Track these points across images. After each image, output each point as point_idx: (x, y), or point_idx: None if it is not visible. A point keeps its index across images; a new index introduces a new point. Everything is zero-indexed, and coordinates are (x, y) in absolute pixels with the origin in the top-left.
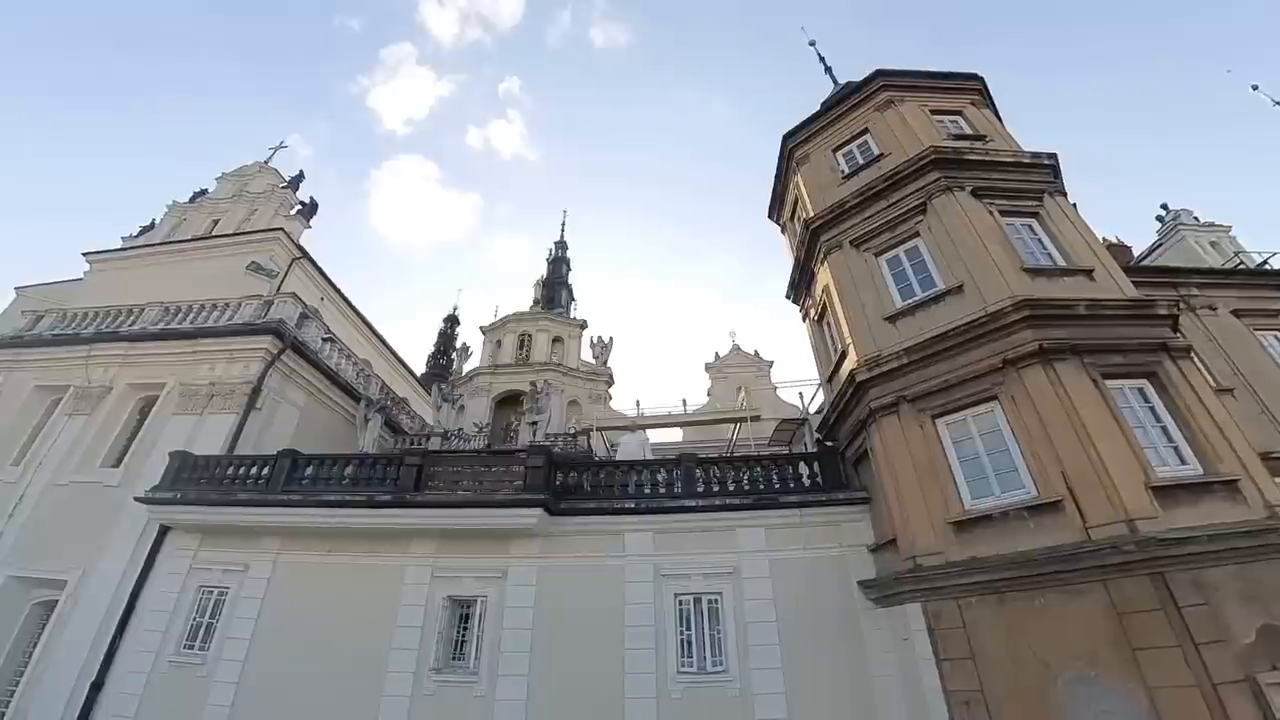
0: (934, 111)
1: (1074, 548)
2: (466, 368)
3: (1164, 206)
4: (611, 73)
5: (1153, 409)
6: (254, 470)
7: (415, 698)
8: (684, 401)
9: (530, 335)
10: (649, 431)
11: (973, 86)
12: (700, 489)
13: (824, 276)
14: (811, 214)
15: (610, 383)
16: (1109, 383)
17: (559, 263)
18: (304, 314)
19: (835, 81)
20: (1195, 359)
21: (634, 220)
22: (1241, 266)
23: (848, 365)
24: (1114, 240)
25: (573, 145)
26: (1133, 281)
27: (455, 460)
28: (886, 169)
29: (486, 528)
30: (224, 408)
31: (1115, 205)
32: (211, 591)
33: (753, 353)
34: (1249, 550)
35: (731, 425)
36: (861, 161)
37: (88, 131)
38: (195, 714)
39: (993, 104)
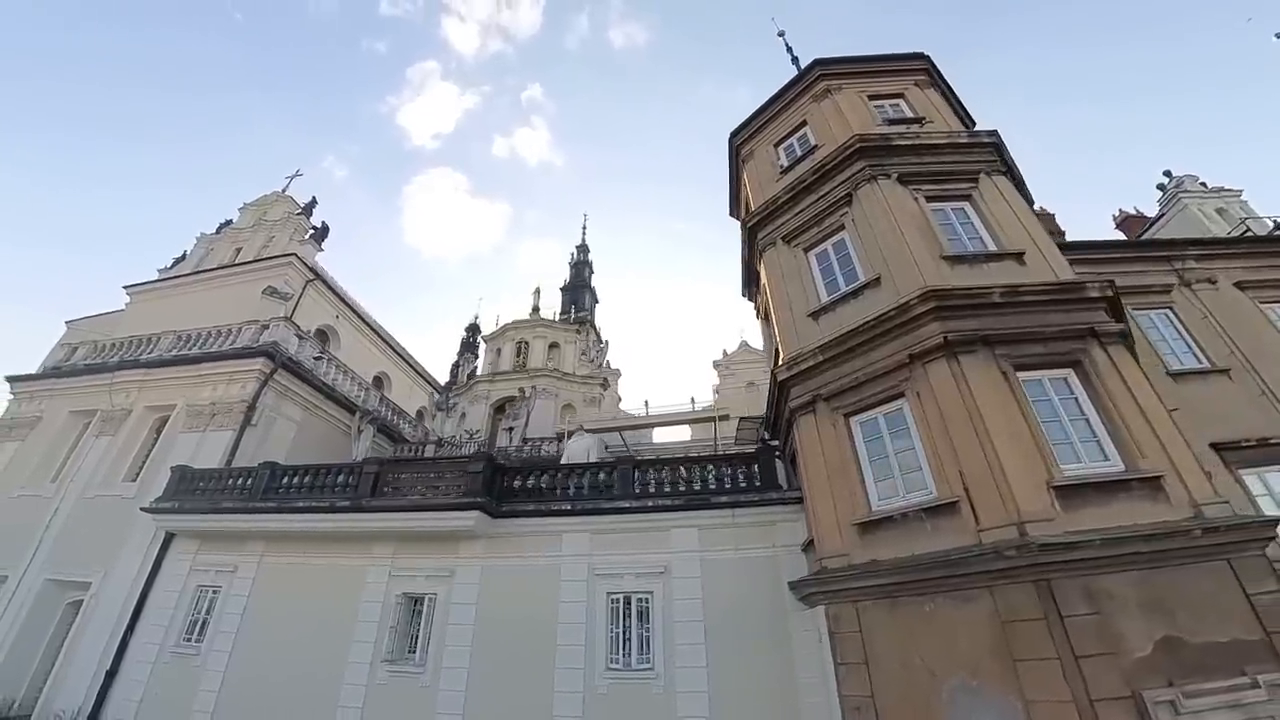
0: (873, 97)
1: (960, 552)
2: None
3: (1167, 174)
4: (632, 72)
5: (1076, 401)
6: (239, 481)
7: (370, 686)
8: (692, 400)
9: (527, 342)
10: (655, 431)
11: (918, 67)
12: (637, 490)
13: (763, 274)
14: (750, 211)
15: (605, 386)
16: (1026, 374)
17: (581, 266)
18: (299, 335)
19: None
20: (1182, 331)
21: (657, 220)
22: (1248, 234)
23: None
24: (1133, 212)
25: (596, 148)
26: (1124, 257)
27: (410, 467)
28: (817, 161)
29: (430, 530)
30: (223, 425)
31: (1145, 175)
32: (207, 590)
33: (761, 349)
34: (1154, 555)
35: (731, 423)
36: (799, 154)
37: (137, 168)
38: (189, 698)
39: (941, 82)
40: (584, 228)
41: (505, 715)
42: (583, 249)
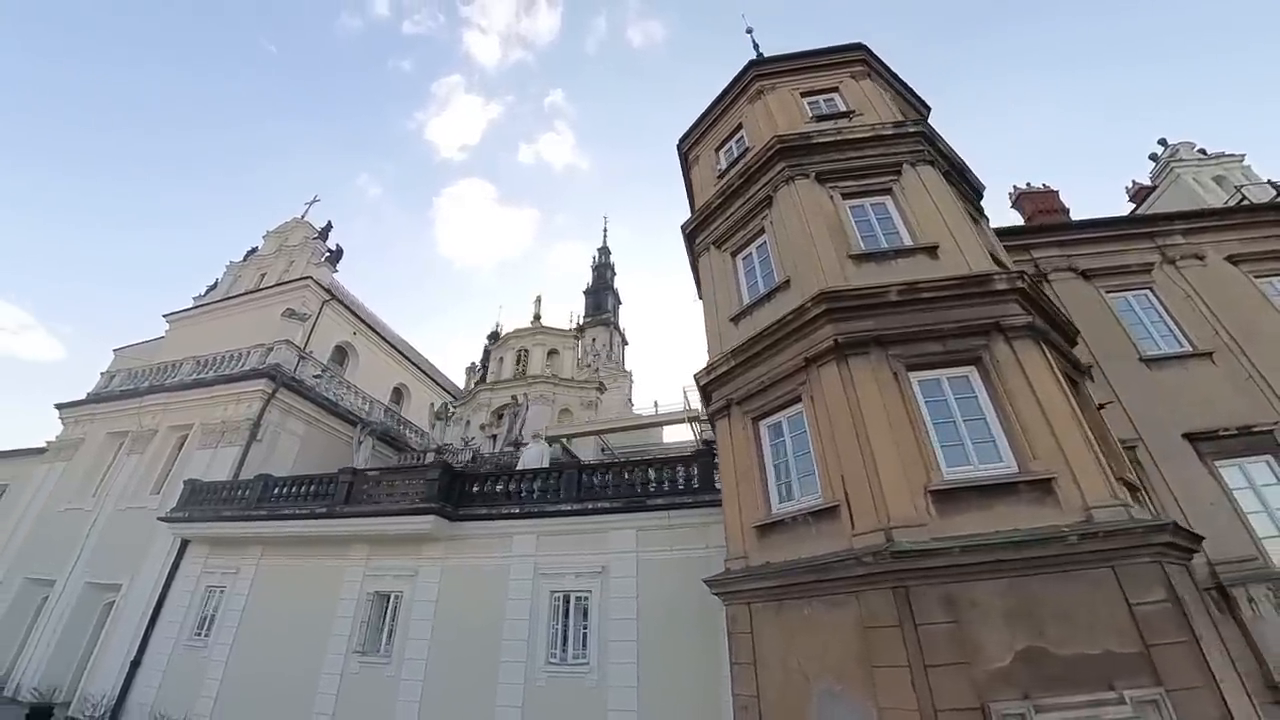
0: (807, 93)
1: (830, 557)
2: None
3: (1161, 142)
4: (652, 70)
5: (976, 400)
6: (238, 492)
7: (344, 675)
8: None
9: (527, 350)
10: (664, 431)
11: (855, 58)
12: (580, 493)
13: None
14: (690, 216)
15: (601, 389)
16: (923, 374)
17: (603, 269)
18: (301, 356)
19: None
20: (1162, 314)
21: (680, 217)
22: (1245, 203)
23: None
24: (1147, 183)
25: (620, 148)
26: (1100, 237)
27: (380, 476)
28: (744, 164)
29: (395, 533)
30: (232, 441)
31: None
32: (215, 590)
33: None
34: (1026, 562)
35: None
36: (736, 157)
37: (187, 203)
38: (197, 685)
39: (882, 71)
40: (604, 230)
41: (456, 702)
42: (604, 251)
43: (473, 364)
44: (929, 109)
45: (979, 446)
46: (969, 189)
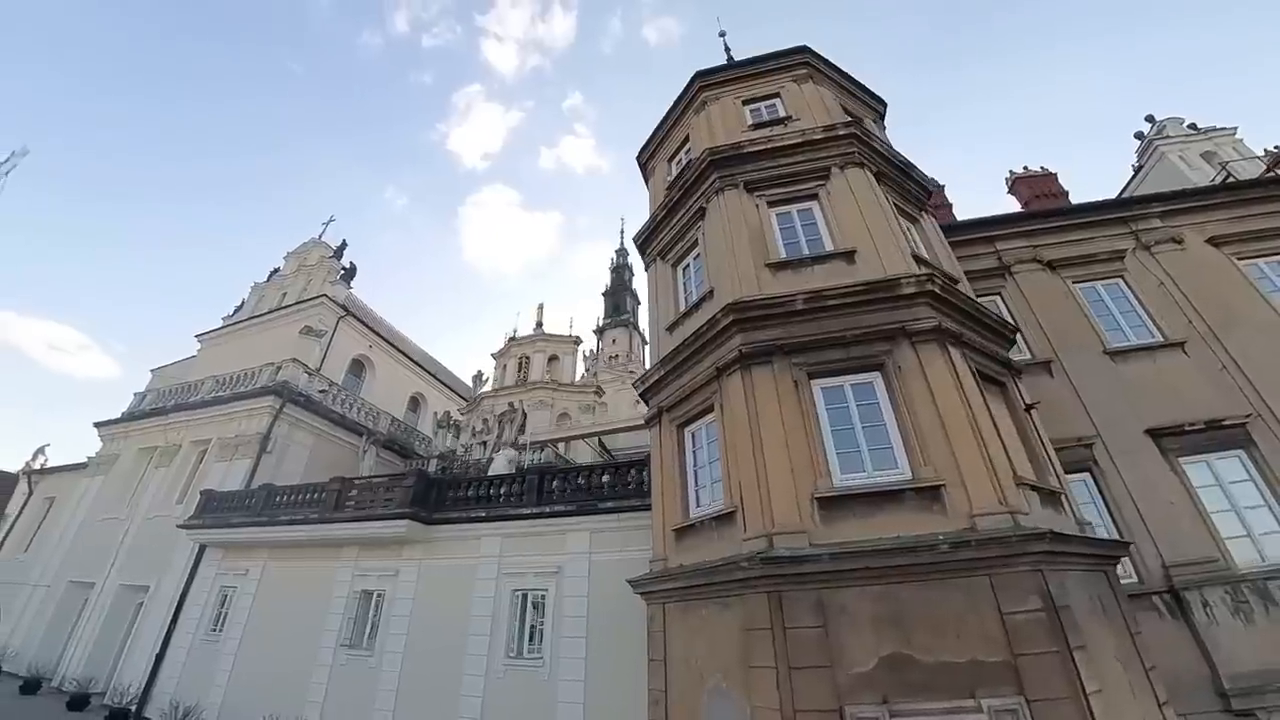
0: (749, 100)
1: (719, 562)
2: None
3: (1149, 119)
4: (670, 66)
5: (878, 406)
6: (246, 501)
7: (334, 666)
8: None
9: (528, 357)
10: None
11: (798, 61)
12: (540, 498)
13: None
14: (641, 227)
15: (599, 393)
16: (827, 381)
17: (620, 270)
18: (307, 372)
19: None
20: (1134, 304)
21: None
22: (1229, 181)
23: None
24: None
25: (639, 147)
26: (1069, 225)
27: (367, 484)
28: (684, 176)
29: (378, 536)
30: (245, 454)
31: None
32: (228, 589)
33: None
34: (895, 570)
35: None
36: (683, 168)
37: (229, 225)
38: (210, 674)
39: (827, 71)
40: (621, 232)
41: (427, 691)
42: (621, 253)
43: (479, 372)
44: (885, 105)
45: (875, 453)
46: (914, 186)
